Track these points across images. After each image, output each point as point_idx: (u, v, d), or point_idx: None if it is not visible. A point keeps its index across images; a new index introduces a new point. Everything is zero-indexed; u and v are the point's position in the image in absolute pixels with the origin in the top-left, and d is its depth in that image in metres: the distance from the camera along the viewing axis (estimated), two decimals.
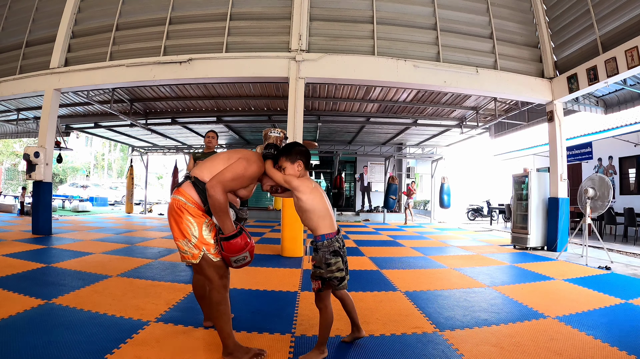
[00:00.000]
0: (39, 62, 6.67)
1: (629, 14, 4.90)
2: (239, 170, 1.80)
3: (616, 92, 7.18)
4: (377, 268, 4.33)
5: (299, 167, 1.90)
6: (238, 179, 1.80)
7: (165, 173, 32.73)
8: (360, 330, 2.09)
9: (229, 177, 1.76)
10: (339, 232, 1.93)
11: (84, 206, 13.95)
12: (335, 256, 1.85)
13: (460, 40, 6.14)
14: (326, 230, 1.88)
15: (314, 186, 1.94)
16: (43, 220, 6.36)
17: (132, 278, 3.45)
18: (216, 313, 1.82)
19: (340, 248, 1.88)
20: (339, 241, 1.90)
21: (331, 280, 1.85)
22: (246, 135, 13.12)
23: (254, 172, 1.85)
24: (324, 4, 5.97)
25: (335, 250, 1.86)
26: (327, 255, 1.85)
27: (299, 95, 5.56)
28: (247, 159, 1.86)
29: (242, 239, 1.78)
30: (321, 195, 1.93)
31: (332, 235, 1.88)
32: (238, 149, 2.01)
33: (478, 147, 16.58)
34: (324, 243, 1.86)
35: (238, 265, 1.82)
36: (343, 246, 1.93)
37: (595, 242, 6.55)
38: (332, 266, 1.84)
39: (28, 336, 2.00)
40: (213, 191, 1.72)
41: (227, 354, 1.82)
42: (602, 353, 2.01)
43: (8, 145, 24.14)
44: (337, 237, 1.89)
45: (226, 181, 1.75)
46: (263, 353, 1.86)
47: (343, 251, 1.91)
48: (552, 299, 3.12)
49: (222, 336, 1.83)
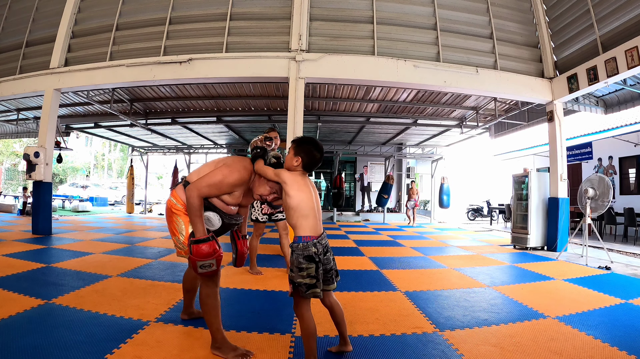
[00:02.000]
0: (39, 62, 6.67)
1: (629, 14, 4.90)
2: (216, 177, 1.83)
3: (616, 92, 7.18)
4: (377, 268, 4.33)
5: (296, 162, 1.85)
6: (215, 186, 1.83)
7: (165, 173, 32.73)
8: (347, 344, 1.95)
9: (205, 183, 1.82)
10: (321, 237, 1.81)
11: (84, 206, 13.95)
12: (308, 262, 1.73)
13: (460, 40, 6.14)
14: (305, 232, 1.78)
15: (305, 183, 1.85)
16: (43, 220, 6.36)
17: (132, 278, 3.45)
18: (205, 306, 1.88)
19: (316, 254, 1.75)
20: (317, 246, 1.76)
21: (299, 286, 1.72)
22: (246, 135, 13.12)
23: (235, 179, 1.86)
24: (324, 4, 5.98)
25: (309, 255, 1.74)
26: (300, 259, 1.74)
27: (299, 95, 5.56)
28: (228, 166, 1.89)
29: (210, 246, 1.78)
30: (310, 194, 1.83)
31: (310, 239, 1.76)
32: (230, 157, 2.06)
33: (478, 147, 16.59)
34: (299, 246, 1.75)
35: (203, 271, 1.79)
36: (323, 252, 1.80)
37: (595, 242, 6.55)
38: (303, 271, 1.72)
39: (28, 336, 2.00)
40: (188, 194, 1.79)
41: (215, 348, 1.89)
42: (602, 353, 2.01)
43: (8, 145, 24.14)
44: (316, 242, 1.77)
45: (201, 187, 1.80)
46: (250, 354, 1.87)
47: (321, 258, 1.78)
48: (552, 299, 3.12)
49: (211, 330, 1.90)
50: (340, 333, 1.94)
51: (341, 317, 1.91)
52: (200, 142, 14.12)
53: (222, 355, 1.85)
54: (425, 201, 18.13)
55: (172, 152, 14.89)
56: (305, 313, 1.75)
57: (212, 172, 1.86)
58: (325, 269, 1.82)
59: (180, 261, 4.40)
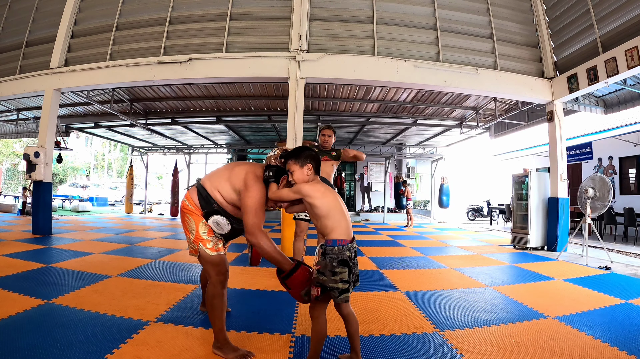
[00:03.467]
0: (39, 62, 6.67)
1: (629, 14, 4.90)
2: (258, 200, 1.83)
3: (616, 92, 7.18)
4: (377, 268, 4.33)
5: (308, 171, 1.82)
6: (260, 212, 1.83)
7: (165, 173, 32.74)
8: (358, 357, 1.81)
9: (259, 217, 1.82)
10: (353, 241, 1.77)
11: (84, 206, 13.94)
12: (342, 266, 1.69)
13: (460, 40, 6.13)
14: (339, 235, 1.73)
15: (326, 188, 1.82)
16: (43, 220, 6.36)
17: (132, 278, 3.45)
18: (210, 306, 1.93)
19: (350, 258, 1.72)
20: (351, 251, 1.73)
21: (332, 290, 1.69)
22: (246, 135, 13.12)
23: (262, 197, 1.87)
24: (324, 4, 5.97)
25: (344, 259, 1.70)
26: (335, 263, 1.69)
27: (299, 95, 5.56)
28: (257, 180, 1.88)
29: (303, 271, 1.75)
30: (335, 198, 1.80)
31: (345, 242, 1.72)
32: (238, 163, 2.07)
33: (478, 147, 16.61)
34: (334, 249, 1.70)
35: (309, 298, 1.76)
36: (354, 256, 1.77)
37: (595, 242, 6.55)
38: (337, 275, 1.68)
39: (28, 336, 2.00)
40: (255, 240, 1.77)
41: (216, 347, 1.90)
42: (602, 353, 2.01)
43: (8, 145, 24.15)
44: (350, 246, 1.73)
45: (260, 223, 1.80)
46: (251, 355, 1.87)
47: (353, 262, 1.75)
48: (552, 299, 3.12)
49: (214, 329, 1.93)
50: (352, 346, 1.82)
51: (356, 329, 1.81)
52: (200, 142, 14.12)
53: (223, 355, 1.85)
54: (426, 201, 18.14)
55: (172, 152, 14.88)
56: (321, 316, 1.73)
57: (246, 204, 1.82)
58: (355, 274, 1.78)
59: (180, 261, 4.41)
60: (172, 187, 13.04)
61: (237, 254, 4.94)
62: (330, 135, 3.80)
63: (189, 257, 4.69)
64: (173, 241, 6.24)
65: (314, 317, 1.74)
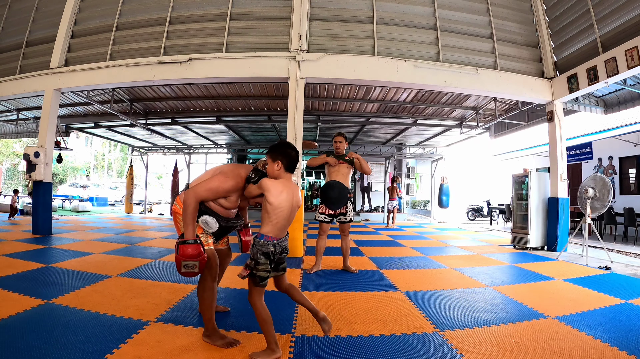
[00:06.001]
0: (39, 62, 6.67)
1: (629, 14, 4.90)
2: (213, 183, 2.00)
3: (616, 92, 7.18)
4: (377, 268, 4.33)
5: (277, 167, 1.95)
6: (211, 191, 1.99)
7: (165, 173, 32.74)
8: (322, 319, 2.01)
9: (202, 188, 1.98)
10: (282, 240, 1.95)
11: (84, 206, 13.95)
12: (265, 258, 1.89)
13: (460, 40, 6.13)
14: (270, 232, 1.91)
15: (284, 189, 1.94)
16: (43, 220, 6.36)
17: (132, 278, 3.45)
18: (200, 297, 2.08)
19: (273, 253, 1.91)
20: (276, 247, 1.91)
21: (254, 276, 1.89)
22: (246, 135, 13.12)
23: (229, 186, 2.02)
24: (324, 4, 5.97)
25: (267, 252, 1.89)
26: (259, 254, 1.89)
27: (299, 95, 5.56)
28: (225, 174, 2.05)
29: (195, 249, 1.89)
30: (288, 200, 1.93)
31: (272, 239, 1.90)
32: (228, 165, 2.24)
33: (478, 147, 16.61)
34: (260, 242, 1.90)
35: (186, 271, 1.92)
36: (280, 252, 1.94)
37: (595, 242, 6.55)
38: (260, 265, 1.88)
39: (28, 336, 2.00)
40: (186, 196, 1.95)
41: (206, 336, 2.05)
42: (602, 353, 2.01)
43: (8, 145, 24.15)
44: (276, 243, 1.91)
45: (198, 191, 1.96)
46: (237, 343, 2.01)
47: (277, 256, 1.94)
48: (552, 299, 3.12)
49: (203, 318, 2.07)
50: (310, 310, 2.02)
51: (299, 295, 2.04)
52: (200, 142, 14.12)
53: (211, 342, 2.00)
54: (425, 201, 18.15)
55: (172, 152, 14.88)
56: (257, 302, 1.90)
57: (210, 178, 2.03)
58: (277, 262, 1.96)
59: None
60: (172, 187, 13.05)
61: (237, 254, 4.94)
62: (342, 141, 4.11)
63: None
64: (173, 241, 6.24)
65: (252, 304, 1.90)
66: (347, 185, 3.94)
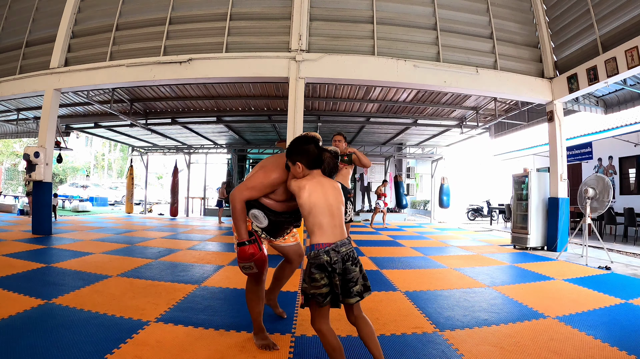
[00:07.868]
0: (39, 62, 6.67)
1: (629, 14, 4.90)
2: (255, 181, 1.90)
3: (616, 92, 7.18)
4: (377, 268, 4.32)
5: (299, 169, 1.77)
6: (255, 188, 1.89)
7: (165, 173, 32.70)
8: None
9: (245, 187, 1.90)
10: (337, 245, 1.62)
11: (84, 206, 13.96)
12: (320, 271, 1.56)
13: (460, 40, 6.13)
14: (319, 239, 1.62)
15: (310, 185, 1.71)
16: (43, 220, 6.36)
17: (132, 278, 3.45)
18: (247, 299, 2.08)
19: (329, 263, 1.57)
20: (330, 253, 1.58)
21: (314, 297, 1.57)
22: (246, 135, 13.12)
23: (274, 179, 1.89)
24: (324, 4, 5.97)
25: (321, 264, 1.57)
26: (312, 269, 1.58)
27: (299, 95, 5.56)
28: (265, 168, 1.93)
29: (251, 248, 1.85)
30: (322, 195, 1.68)
31: (323, 246, 1.60)
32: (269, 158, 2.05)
33: (478, 147, 16.59)
34: (311, 254, 1.60)
35: (245, 271, 1.91)
36: (342, 261, 1.61)
37: (595, 242, 6.55)
38: (316, 281, 1.56)
39: (28, 336, 2.00)
40: (231, 198, 1.89)
41: (254, 333, 2.08)
42: (602, 353, 2.01)
43: (8, 145, 24.14)
44: (330, 249, 1.59)
45: (242, 191, 1.88)
46: (275, 347, 2.00)
47: (334, 267, 1.58)
48: (552, 299, 3.12)
49: (251, 318, 2.08)
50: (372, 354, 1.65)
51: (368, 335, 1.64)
52: (200, 142, 14.12)
53: (255, 341, 2.05)
54: (426, 201, 18.14)
55: (172, 152, 14.89)
56: (323, 329, 1.59)
57: (252, 176, 1.94)
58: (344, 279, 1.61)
59: (180, 261, 4.41)
60: (172, 187, 13.05)
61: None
62: (341, 140, 4.16)
63: (189, 257, 4.69)
64: (173, 241, 6.24)
65: (316, 330, 1.62)
66: (346, 185, 3.96)
